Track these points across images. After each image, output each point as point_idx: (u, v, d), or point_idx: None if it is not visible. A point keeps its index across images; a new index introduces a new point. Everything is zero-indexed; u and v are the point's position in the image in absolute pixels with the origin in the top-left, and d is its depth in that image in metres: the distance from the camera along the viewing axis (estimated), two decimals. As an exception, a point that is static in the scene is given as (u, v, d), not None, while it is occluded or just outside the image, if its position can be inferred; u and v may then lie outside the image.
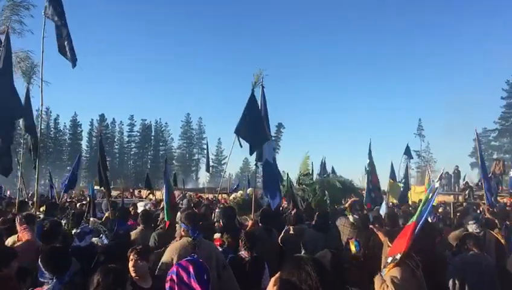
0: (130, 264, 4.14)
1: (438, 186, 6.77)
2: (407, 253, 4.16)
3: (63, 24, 8.23)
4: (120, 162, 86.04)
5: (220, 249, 6.13)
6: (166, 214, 7.88)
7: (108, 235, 6.51)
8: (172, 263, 4.79)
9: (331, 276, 2.30)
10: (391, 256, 4.29)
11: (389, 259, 4.30)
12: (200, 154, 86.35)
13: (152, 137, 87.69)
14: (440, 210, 12.46)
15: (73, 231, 6.35)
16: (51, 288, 3.60)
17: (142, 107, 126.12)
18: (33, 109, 9.67)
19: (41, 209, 9.71)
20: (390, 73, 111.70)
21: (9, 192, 24.67)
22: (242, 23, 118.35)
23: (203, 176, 74.63)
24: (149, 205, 12.68)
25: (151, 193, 21.55)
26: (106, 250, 4.99)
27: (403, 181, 15.65)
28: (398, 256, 4.15)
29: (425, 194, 13.77)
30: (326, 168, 19.16)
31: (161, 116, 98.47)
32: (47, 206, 9.45)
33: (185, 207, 10.64)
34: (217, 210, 9.97)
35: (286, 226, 7.35)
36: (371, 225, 6.43)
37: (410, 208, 12.51)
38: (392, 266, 4.19)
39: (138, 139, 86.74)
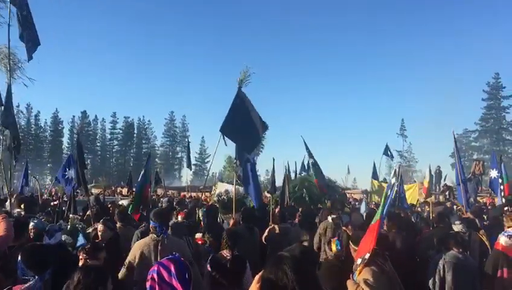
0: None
1: (395, 182, 6.88)
2: (376, 251, 4.20)
3: (26, 15, 8.18)
4: (102, 159, 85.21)
5: (201, 247, 6.11)
6: (131, 207, 7.87)
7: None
8: (135, 261, 4.82)
9: (311, 274, 2.30)
10: (360, 257, 4.31)
11: (359, 260, 4.31)
12: (183, 152, 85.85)
13: (135, 135, 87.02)
14: (420, 209, 12.59)
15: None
16: (32, 286, 3.53)
17: (125, 104, 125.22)
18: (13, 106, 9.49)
19: (21, 206, 9.54)
20: (373, 72, 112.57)
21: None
22: (226, 22, 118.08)
23: (187, 175, 74.32)
24: (125, 203, 12.57)
25: (131, 192, 21.39)
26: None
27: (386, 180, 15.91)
28: (367, 256, 4.18)
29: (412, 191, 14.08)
30: (309, 167, 19.29)
31: (144, 113, 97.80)
32: (26, 203, 9.29)
33: (166, 205, 10.59)
34: (201, 209, 9.92)
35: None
36: (344, 227, 6.49)
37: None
38: (362, 267, 4.21)
39: (121, 136, 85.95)
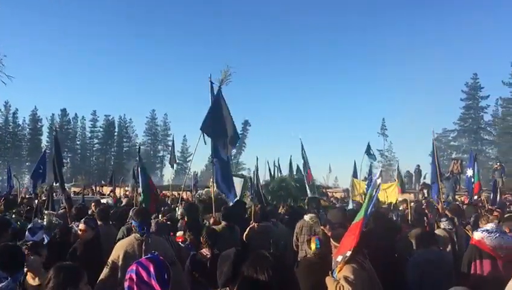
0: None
1: (380, 182, 7.02)
2: (357, 249, 4.22)
3: None
4: (82, 158, 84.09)
5: (183, 246, 6.09)
6: (144, 201, 7.85)
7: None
8: (118, 260, 4.75)
9: (290, 273, 2.32)
10: (341, 255, 4.33)
11: (339, 258, 4.33)
12: (165, 151, 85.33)
13: (115, 133, 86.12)
14: (401, 208, 12.72)
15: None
16: (4, 287, 3.48)
17: (106, 102, 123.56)
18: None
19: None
20: (354, 72, 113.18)
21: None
22: (207, 20, 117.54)
23: (168, 173, 73.92)
24: (110, 201, 12.47)
25: (113, 191, 21.22)
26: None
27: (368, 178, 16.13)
28: (348, 253, 4.20)
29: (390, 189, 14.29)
30: (292, 166, 19.42)
31: (125, 111, 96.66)
32: (5, 202, 9.18)
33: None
34: (180, 208, 9.89)
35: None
36: (322, 226, 6.54)
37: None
38: (342, 265, 4.24)
39: (101, 134, 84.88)
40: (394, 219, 9.82)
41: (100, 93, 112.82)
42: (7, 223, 5.71)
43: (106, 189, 25.31)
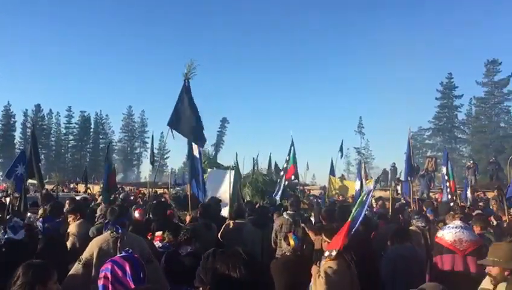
0: None
1: (372, 188, 7.12)
2: (341, 251, 4.34)
3: None
4: (57, 154, 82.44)
5: (160, 244, 6.04)
6: (103, 197, 7.75)
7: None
8: (92, 258, 4.65)
9: (262, 268, 2.35)
10: (328, 251, 4.47)
11: (326, 253, 4.48)
12: (142, 147, 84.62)
13: (91, 129, 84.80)
14: (377, 205, 12.84)
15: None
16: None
17: (81, 98, 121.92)
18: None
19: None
20: (332, 72, 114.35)
21: None
22: (185, 16, 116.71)
23: (145, 170, 73.19)
24: (85, 197, 12.31)
25: (88, 188, 20.92)
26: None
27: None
28: (334, 253, 4.34)
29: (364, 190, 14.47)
30: (271, 163, 19.56)
31: (101, 108, 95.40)
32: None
33: (120, 202, 10.38)
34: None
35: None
36: (302, 224, 6.60)
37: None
38: (329, 260, 4.36)
39: (76, 131, 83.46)
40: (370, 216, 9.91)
41: (75, 89, 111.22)
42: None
43: (81, 187, 24.88)
